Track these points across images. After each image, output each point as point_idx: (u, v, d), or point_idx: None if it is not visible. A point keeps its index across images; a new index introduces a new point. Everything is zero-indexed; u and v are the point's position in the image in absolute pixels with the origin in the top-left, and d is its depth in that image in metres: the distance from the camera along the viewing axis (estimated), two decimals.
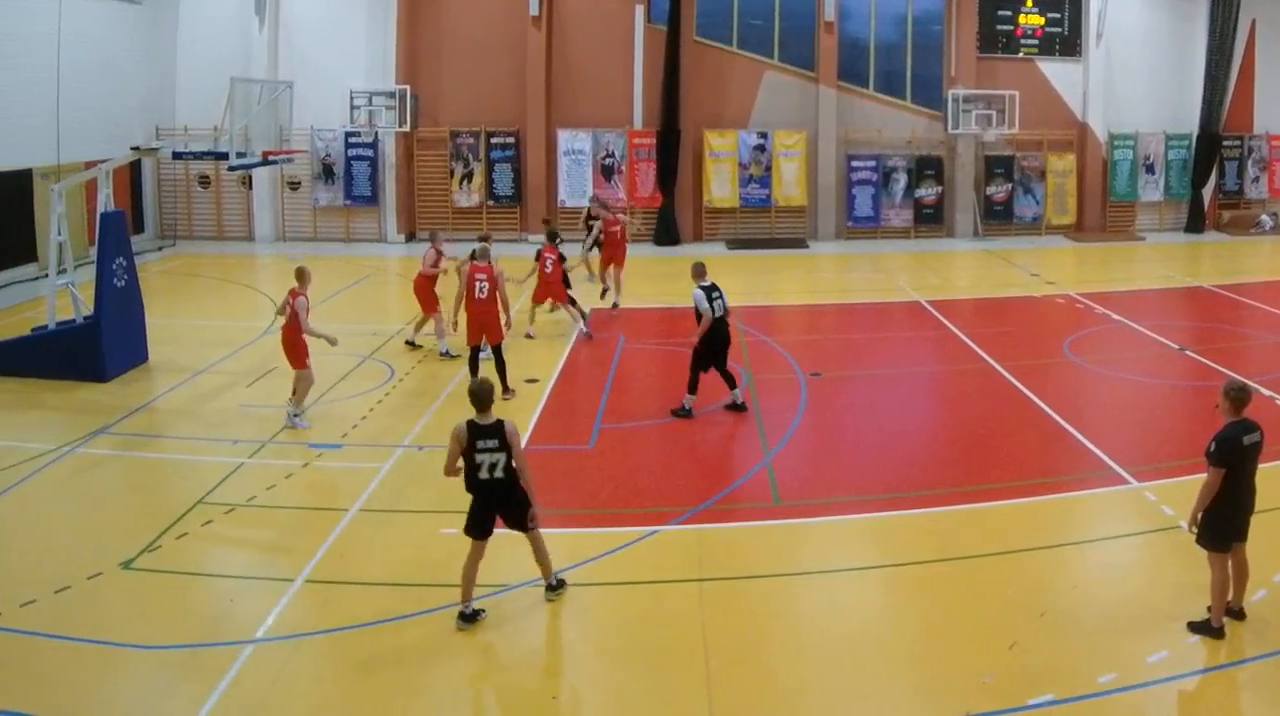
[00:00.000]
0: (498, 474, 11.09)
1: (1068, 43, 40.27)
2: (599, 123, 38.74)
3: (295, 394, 17.98)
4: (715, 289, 18.12)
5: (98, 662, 10.39)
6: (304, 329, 17.68)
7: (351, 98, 37.02)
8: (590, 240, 28.38)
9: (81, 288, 21.28)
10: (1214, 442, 10.47)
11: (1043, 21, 40.16)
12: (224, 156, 21.43)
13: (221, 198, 39.01)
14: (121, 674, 10.27)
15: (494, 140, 38.77)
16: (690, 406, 18.24)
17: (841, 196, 39.52)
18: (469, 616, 11.14)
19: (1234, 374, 18.28)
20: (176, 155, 25.15)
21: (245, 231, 38.95)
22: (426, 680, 10.21)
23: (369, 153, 38.55)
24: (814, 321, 27.21)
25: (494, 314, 19.19)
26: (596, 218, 29.64)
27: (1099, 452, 16.19)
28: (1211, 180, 40.95)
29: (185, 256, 35.77)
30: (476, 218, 38.35)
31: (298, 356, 17.82)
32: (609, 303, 26.81)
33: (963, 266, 34.85)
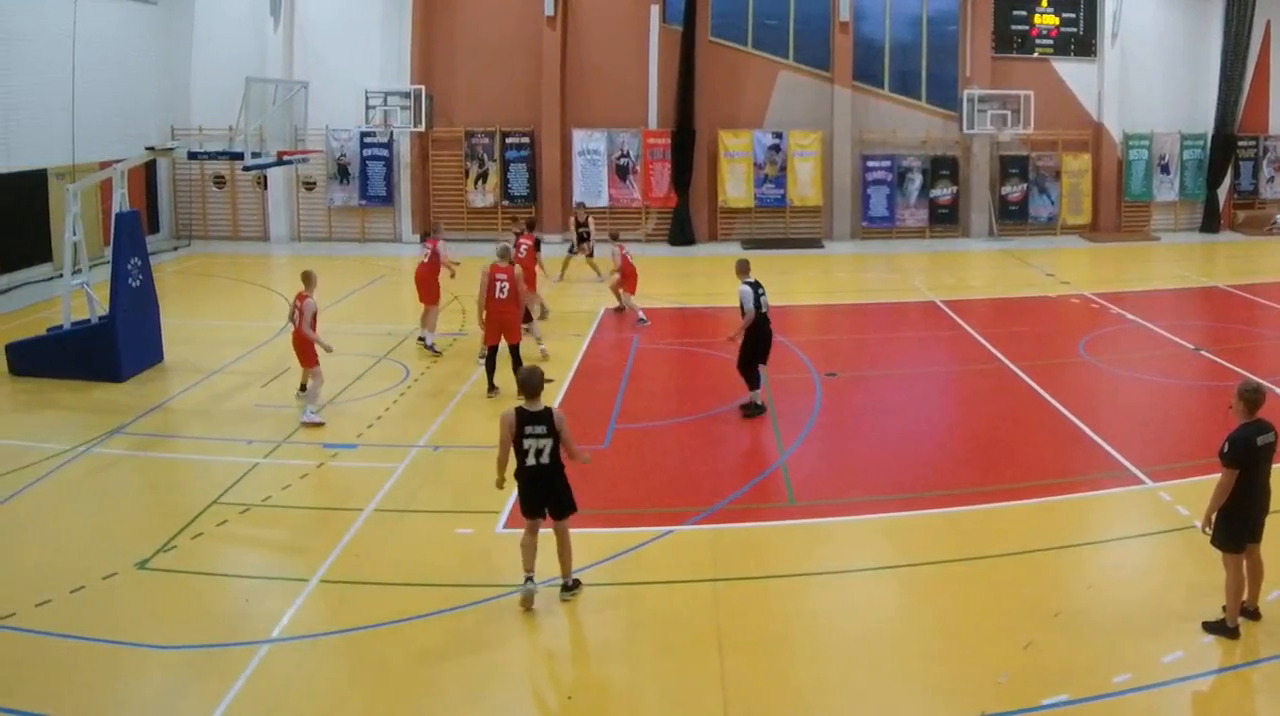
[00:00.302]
0: (544, 460, 11.33)
1: (1083, 43, 40.11)
2: (614, 123, 38.70)
3: (306, 391, 18.36)
4: (760, 286, 18.16)
5: (112, 662, 10.39)
6: (302, 330, 17.88)
7: (367, 98, 37.05)
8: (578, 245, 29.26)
9: (97, 288, 21.30)
10: (1227, 443, 10.43)
11: (1058, 21, 39.98)
12: (239, 156, 21.48)
13: (237, 198, 39.07)
14: (136, 674, 10.27)
15: (509, 140, 38.76)
16: (759, 400, 18.25)
17: (856, 196, 39.42)
18: (529, 585, 11.45)
19: (1249, 374, 18.20)
20: (192, 155, 25.23)
21: (260, 231, 38.99)
22: (441, 679, 10.19)
23: (384, 153, 38.58)
24: (829, 321, 27.16)
25: (514, 314, 19.25)
26: (585, 224, 29.77)
27: (1114, 453, 16.13)
28: (1226, 180, 40.75)
29: (200, 256, 35.86)
30: (491, 218, 38.36)
31: (308, 356, 18.04)
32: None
33: (978, 266, 34.74)
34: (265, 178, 36.83)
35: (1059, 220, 40.04)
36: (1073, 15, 40.00)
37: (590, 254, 30.23)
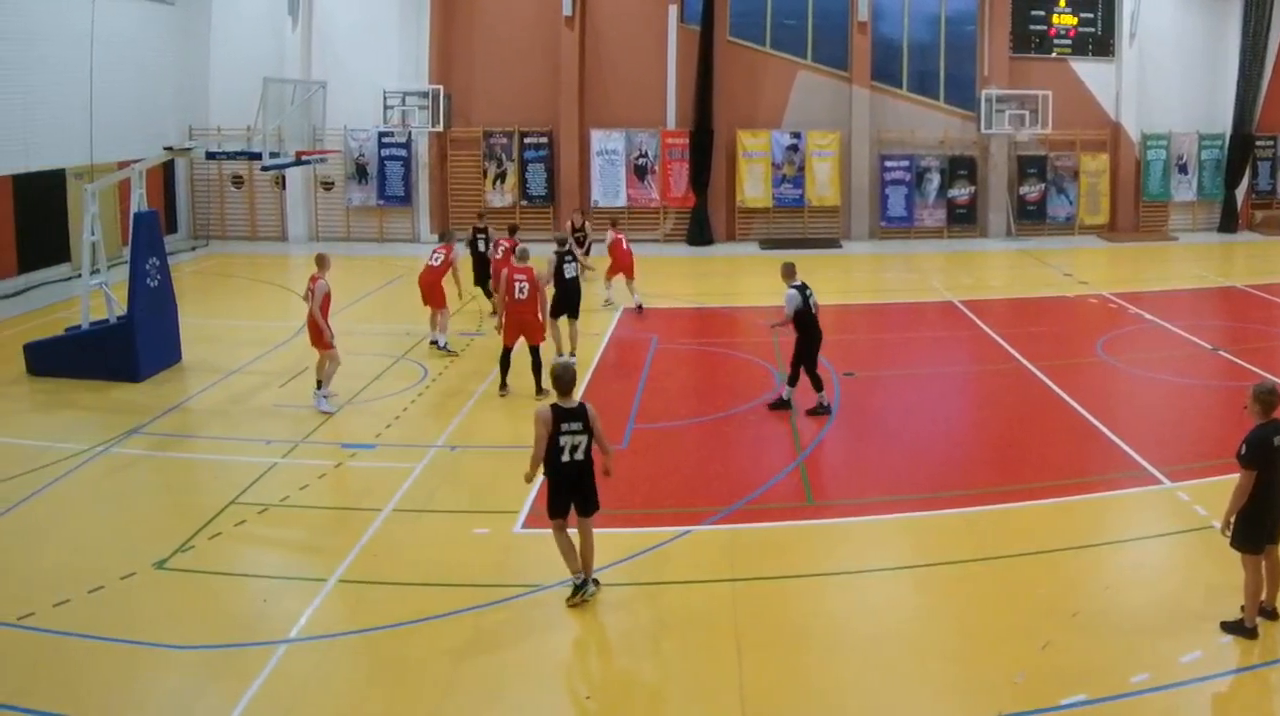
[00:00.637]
0: (578, 456, 11.41)
1: (1101, 43, 39.96)
2: (632, 123, 38.69)
3: (319, 376, 18.56)
4: (808, 288, 18.24)
5: (131, 662, 10.40)
6: (311, 310, 18.05)
7: (385, 98, 37.08)
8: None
9: (115, 288, 21.38)
10: (1244, 445, 10.37)
11: (1076, 21, 39.84)
12: (257, 156, 21.49)
13: (255, 198, 39.15)
14: (154, 674, 10.27)
15: (527, 140, 38.79)
16: (826, 402, 18.31)
17: (875, 196, 39.34)
18: (580, 586, 11.49)
19: (1267, 374, 18.17)
20: (210, 155, 25.25)
21: (278, 231, 39.08)
22: (459, 679, 10.17)
23: (402, 153, 38.64)
24: (847, 321, 27.05)
25: (534, 315, 19.22)
26: (581, 229, 29.64)
27: (1132, 453, 16.05)
28: (1245, 180, 40.54)
29: (218, 256, 35.94)
30: (510, 218, 38.27)
31: (322, 339, 18.14)
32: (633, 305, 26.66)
33: (996, 266, 34.64)
34: (283, 178, 36.82)
35: (1077, 220, 39.91)
36: (1091, 15, 39.86)
37: (587, 252, 29.69)
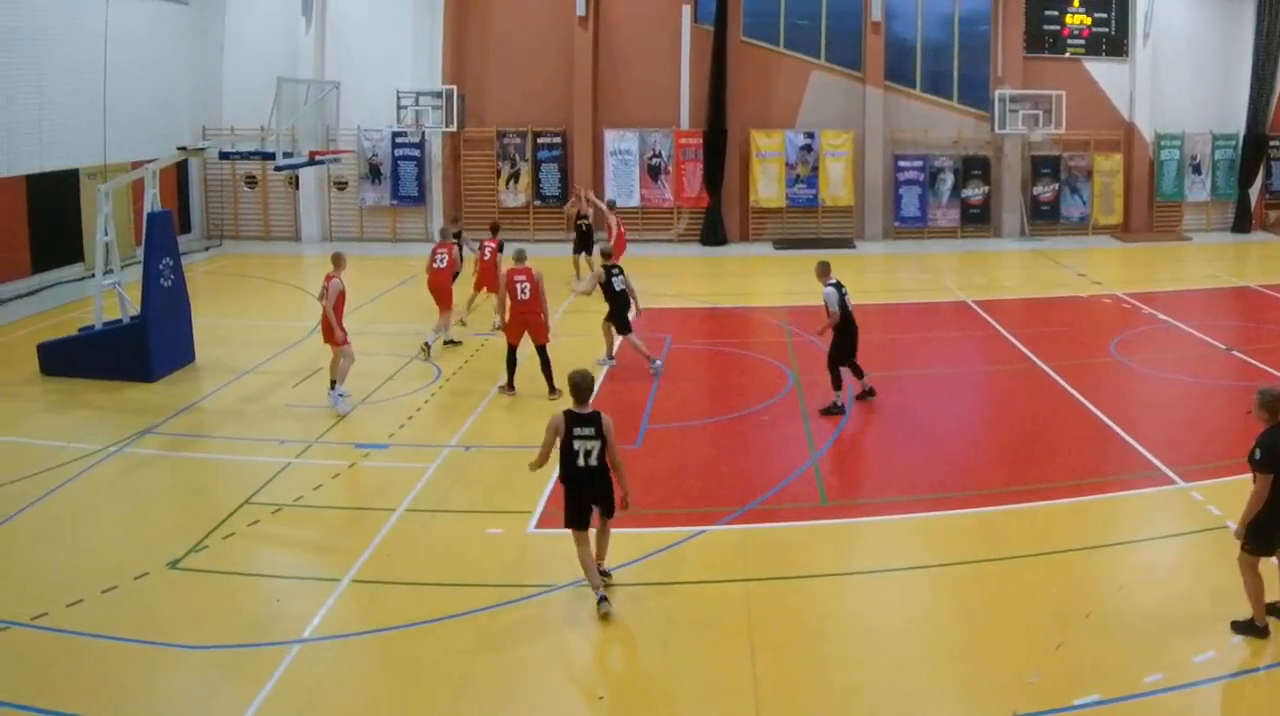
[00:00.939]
0: (592, 461, 11.45)
1: (1114, 42, 39.83)
2: (646, 123, 38.65)
3: (333, 374, 18.57)
4: (843, 287, 18.41)
5: (144, 662, 10.39)
6: (326, 309, 18.12)
7: (398, 97, 37.13)
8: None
9: (128, 288, 21.37)
10: (1259, 449, 10.27)
11: (1089, 21, 39.72)
12: (270, 156, 21.51)
13: (268, 198, 39.20)
14: (168, 674, 10.26)
15: (541, 140, 38.77)
16: (841, 402, 18.33)
17: (888, 196, 39.28)
18: (604, 598, 11.40)
19: None
20: (223, 155, 25.32)
21: (292, 231, 39.09)
22: (472, 679, 10.14)
23: (415, 153, 38.65)
24: (861, 321, 26.88)
25: (536, 315, 19.22)
26: (585, 215, 29.65)
27: (1145, 453, 16.01)
28: (1258, 180, 40.40)
29: (231, 256, 35.99)
30: (523, 218, 38.42)
31: (334, 335, 18.25)
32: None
33: (1009, 266, 34.57)
34: (297, 178, 36.99)
35: (1090, 220, 39.80)
36: (1104, 15, 39.72)
37: (591, 252, 29.44)
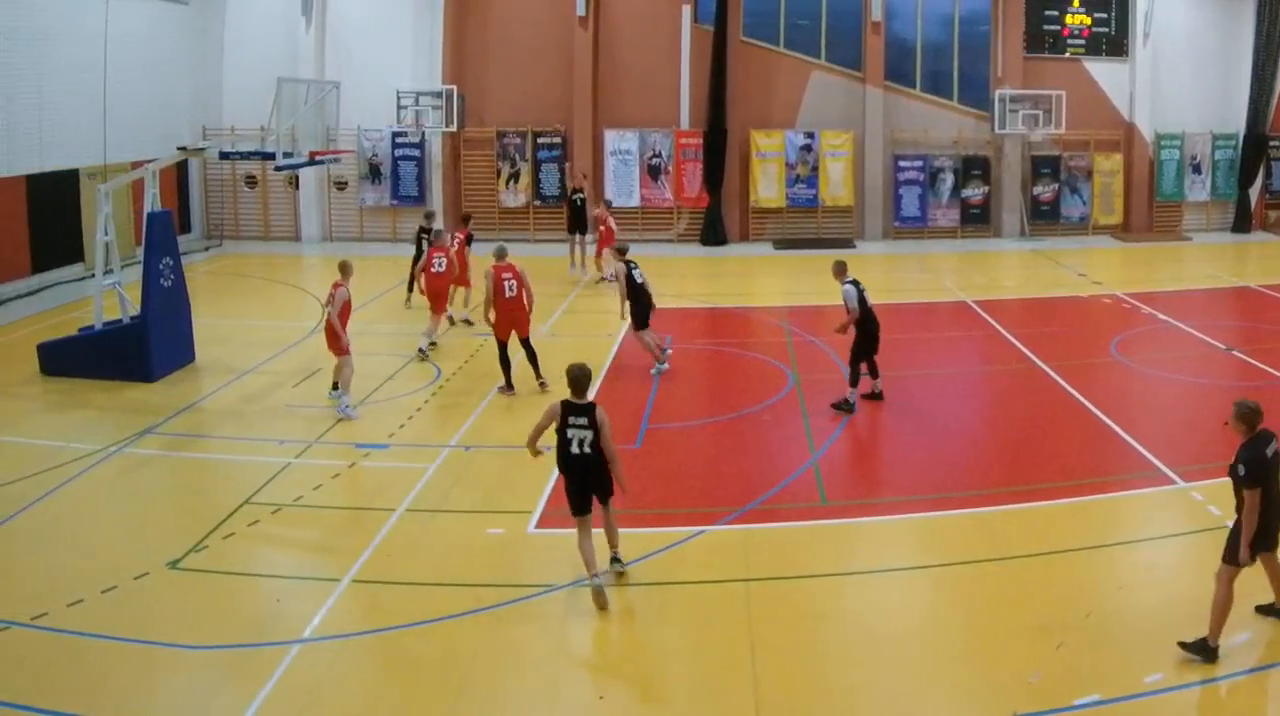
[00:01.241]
0: (586, 449, 11.72)
1: (1114, 42, 39.81)
2: (646, 123, 38.62)
3: (337, 383, 18.53)
4: (859, 284, 18.61)
5: (144, 662, 10.40)
6: (331, 317, 18.07)
7: (398, 98, 37.11)
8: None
9: (128, 288, 21.35)
10: (1241, 465, 10.24)
11: (1089, 21, 39.69)
12: (271, 156, 21.52)
13: (268, 198, 39.16)
14: (168, 674, 10.27)
15: (541, 140, 38.73)
16: (853, 400, 18.33)
17: (888, 196, 39.25)
18: (600, 588, 11.51)
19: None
20: (223, 155, 25.32)
21: (292, 231, 39.05)
22: (472, 679, 10.15)
23: (416, 153, 38.62)
24: None
25: (523, 310, 19.47)
26: (580, 189, 30.27)
27: (1146, 453, 16.02)
28: (1258, 180, 40.37)
29: (231, 256, 35.96)
30: (523, 218, 38.41)
31: (338, 344, 18.16)
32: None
33: (1009, 266, 34.55)
34: (297, 178, 36.96)
35: (1091, 220, 39.77)
36: (1104, 15, 39.70)
37: (585, 231, 30.27)
